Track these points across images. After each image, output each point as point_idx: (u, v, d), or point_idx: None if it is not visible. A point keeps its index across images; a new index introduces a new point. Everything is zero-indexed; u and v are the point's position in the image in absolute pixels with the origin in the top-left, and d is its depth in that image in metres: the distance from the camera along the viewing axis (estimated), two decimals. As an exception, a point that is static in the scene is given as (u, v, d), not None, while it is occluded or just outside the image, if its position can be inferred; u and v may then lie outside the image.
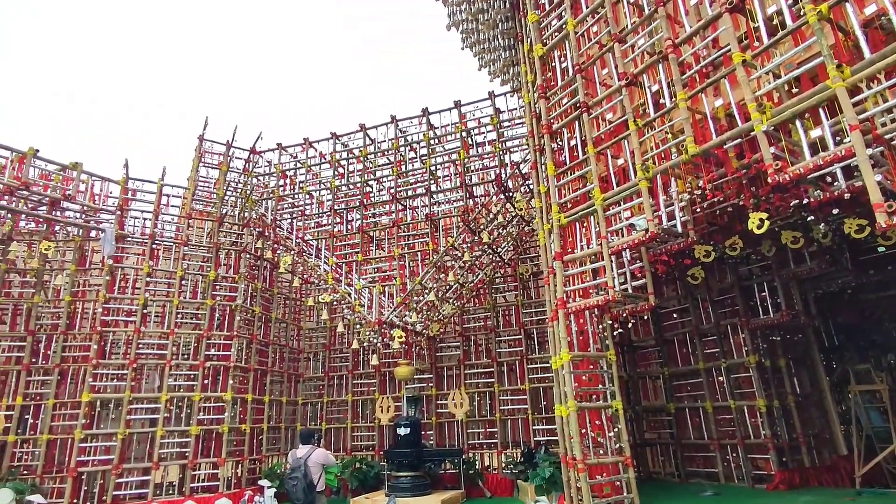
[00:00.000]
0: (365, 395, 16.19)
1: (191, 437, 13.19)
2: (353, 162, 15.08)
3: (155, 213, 14.43)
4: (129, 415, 12.91)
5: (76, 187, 13.62)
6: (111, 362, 13.40)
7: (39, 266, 14.02)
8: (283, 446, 16.20)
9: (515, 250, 14.57)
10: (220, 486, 13.26)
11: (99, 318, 13.49)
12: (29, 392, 13.38)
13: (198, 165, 15.20)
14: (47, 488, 12.40)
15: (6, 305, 13.85)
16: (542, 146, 9.50)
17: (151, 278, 14.02)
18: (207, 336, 14.08)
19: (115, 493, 12.32)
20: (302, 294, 18.58)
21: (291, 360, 17.37)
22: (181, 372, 13.79)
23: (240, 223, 15.54)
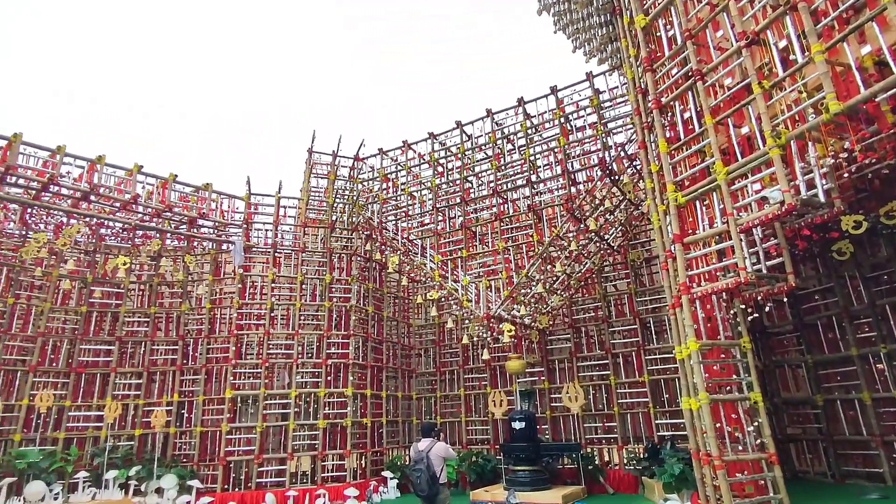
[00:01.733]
0: (476, 389, 16.31)
1: (319, 430, 14.13)
2: (451, 160, 15.25)
3: (275, 223, 15.64)
4: (265, 410, 14.12)
5: (209, 206, 15.13)
6: (247, 362, 14.73)
7: (184, 278, 15.78)
8: (401, 439, 16.83)
9: (625, 236, 13.86)
10: (347, 476, 14.06)
11: (234, 322, 14.90)
12: (182, 389, 15.13)
13: (309, 177, 16.24)
14: (203, 474, 13.92)
15: (160, 314, 15.77)
16: (651, 123, 8.91)
17: (276, 284, 15.21)
18: (327, 335, 14.99)
19: (258, 481, 13.53)
20: (410, 292, 19.15)
21: (404, 357, 17.98)
22: (306, 370, 14.82)
23: (349, 228, 16.37)
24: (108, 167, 13.53)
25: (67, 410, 14.08)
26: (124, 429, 14.47)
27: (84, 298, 15.15)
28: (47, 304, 14.52)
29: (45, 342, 14.33)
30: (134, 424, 14.58)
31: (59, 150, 12.78)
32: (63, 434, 13.84)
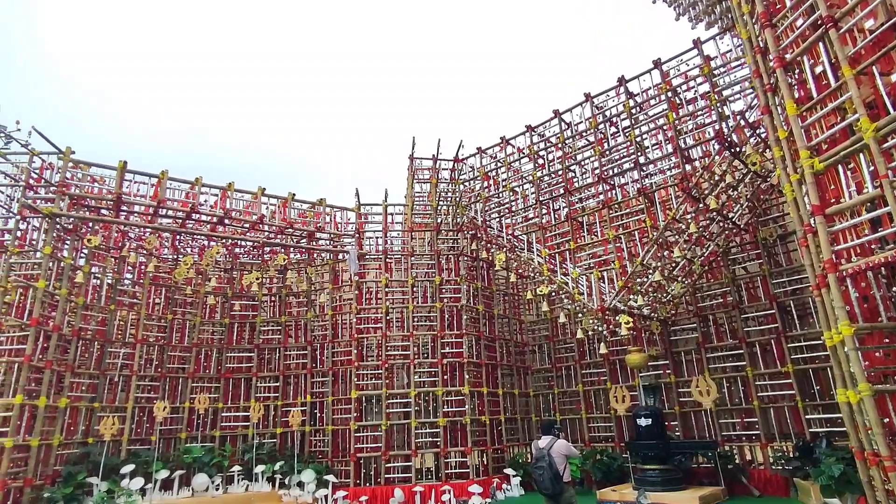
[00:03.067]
0: (596, 384, 15.74)
1: (439, 428, 14.48)
2: (551, 150, 14.88)
3: (384, 231, 16.34)
4: (388, 409, 14.77)
5: (324, 220, 16.19)
6: (368, 364, 15.52)
7: (308, 288, 17.04)
8: (521, 437, 16.71)
9: (752, 212, 12.57)
10: (470, 473, 14.25)
11: (354, 326, 15.77)
12: (313, 391, 16.32)
13: (412, 182, 16.76)
14: (337, 469, 14.89)
15: (290, 322, 17.16)
16: (775, 84, 7.96)
17: (389, 288, 15.87)
18: (441, 335, 15.33)
19: (387, 476, 14.18)
20: (518, 289, 18.99)
21: (517, 354, 17.86)
22: (423, 369, 15.27)
23: (454, 229, 16.62)
24: (237, 192, 15.00)
25: (220, 411, 15.84)
26: (267, 427, 15.93)
27: (226, 311, 16.95)
28: (198, 318, 16.45)
29: (199, 351, 16.24)
30: (275, 423, 16.01)
31: (196, 181, 14.41)
32: (218, 432, 15.58)
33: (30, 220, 13.17)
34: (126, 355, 14.78)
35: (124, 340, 14.96)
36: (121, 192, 13.59)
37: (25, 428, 11.67)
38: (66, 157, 13.14)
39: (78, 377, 13.52)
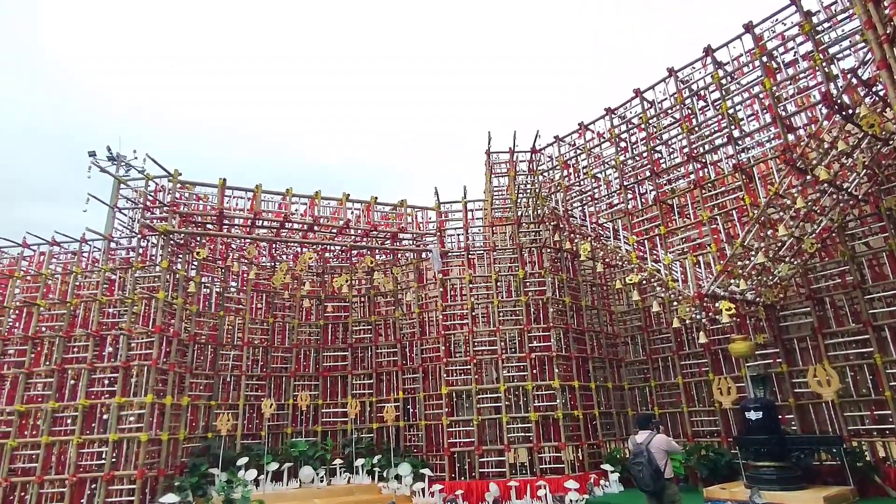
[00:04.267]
0: (696, 376, 14.82)
1: (531, 423, 14.32)
2: (633, 132, 14.17)
3: (465, 227, 16.43)
4: (479, 404, 14.84)
5: (406, 220, 16.57)
6: (456, 360, 15.69)
7: (394, 287, 17.53)
8: (617, 431, 16.13)
9: (872, 181, 11.20)
10: (566, 468, 13.97)
11: (440, 323, 16.01)
12: (405, 387, 16.77)
13: (490, 177, 16.70)
14: (432, 463, 15.20)
15: (379, 321, 17.76)
16: (892, 34, 7.03)
17: (473, 284, 15.93)
18: (528, 329, 15.15)
19: (481, 471, 14.27)
20: (606, 279, 18.32)
21: (609, 346, 17.25)
22: (512, 364, 15.18)
23: (535, 221, 16.35)
24: (324, 199, 15.75)
25: (321, 408, 16.74)
26: (364, 423, 16.61)
27: (321, 313, 17.88)
28: (296, 321, 17.49)
29: (299, 352, 17.26)
30: (371, 419, 16.65)
31: (287, 192, 15.31)
32: (320, 427, 16.48)
33: (149, 238, 14.64)
34: (235, 357, 16.04)
35: (233, 343, 16.24)
36: (222, 208, 14.74)
37: (156, 424, 13.02)
38: (174, 178, 14.47)
39: (196, 378, 14.86)
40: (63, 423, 12.92)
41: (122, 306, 13.75)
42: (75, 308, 13.95)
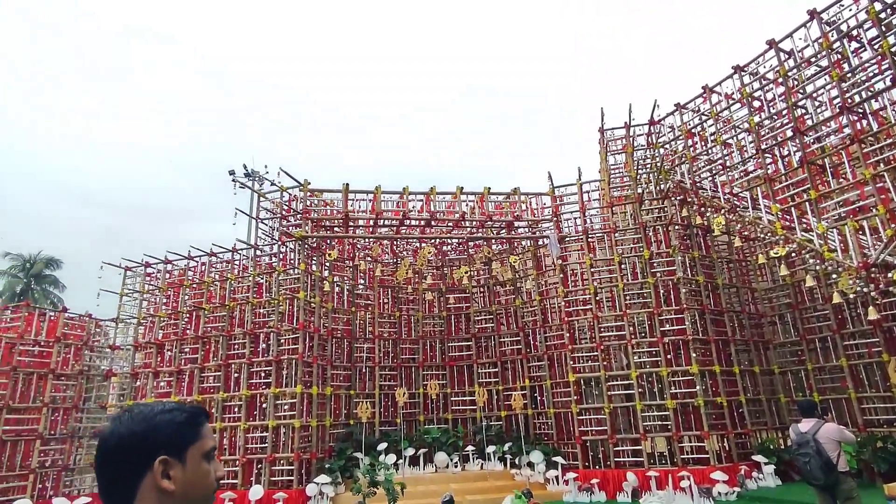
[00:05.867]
0: (865, 357, 13.00)
1: (668, 411, 13.55)
2: (769, 89, 12.65)
3: (581, 210, 15.91)
4: (609, 391, 14.35)
5: (520, 208, 16.45)
6: (582, 346, 15.30)
7: (512, 276, 17.52)
8: (768, 420, 14.70)
9: None
10: (711, 459, 13.03)
11: (562, 310, 15.70)
12: (531, 375, 16.71)
13: (605, 155, 15.97)
14: (564, 452, 15.02)
15: (500, 311, 17.86)
16: None
17: (594, 269, 15.40)
18: (657, 312, 14.32)
19: (616, 459, 13.81)
20: (745, 254, 16.71)
21: (753, 327, 15.74)
22: (643, 349, 14.46)
23: (658, 197, 15.35)
24: (439, 194, 16.14)
25: (449, 396, 17.28)
26: (492, 411, 16.85)
27: (443, 305, 18.41)
28: (420, 313, 18.21)
29: (425, 343, 17.96)
30: (498, 407, 16.85)
31: (404, 190, 15.93)
32: (450, 415, 17.03)
33: (287, 244, 16.09)
34: (368, 349, 17.12)
35: (365, 337, 17.33)
36: (347, 211, 15.74)
37: (306, 412, 14.33)
38: (304, 188, 15.73)
39: (336, 369, 16.10)
40: (231, 410, 14.72)
41: (270, 307, 15.28)
42: (232, 310, 15.78)
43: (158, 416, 1.23)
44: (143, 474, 1.18)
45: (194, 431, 1.27)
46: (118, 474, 1.19)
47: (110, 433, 1.21)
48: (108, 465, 1.20)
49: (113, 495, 1.18)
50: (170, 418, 1.24)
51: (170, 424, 1.24)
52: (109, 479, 1.19)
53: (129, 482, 1.18)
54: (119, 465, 1.19)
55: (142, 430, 1.21)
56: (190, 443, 1.25)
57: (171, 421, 1.24)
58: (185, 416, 1.27)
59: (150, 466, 1.18)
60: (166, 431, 1.22)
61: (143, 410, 1.25)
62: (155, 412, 1.25)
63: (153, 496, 1.17)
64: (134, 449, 1.19)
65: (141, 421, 1.22)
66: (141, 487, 1.17)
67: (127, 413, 1.25)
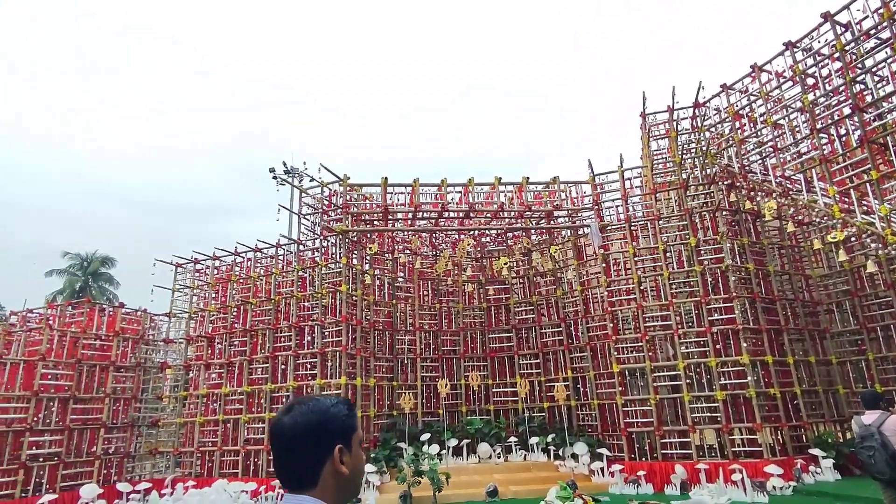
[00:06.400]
0: (937, 346, 12.29)
1: (718, 402, 13.17)
2: (825, 64, 11.98)
3: (623, 198, 15.56)
4: (655, 382, 14.05)
5: (560, 197, 16.22)
6: (626, 337, 15.02)
7: (553, 266, 17.33)
8: (825, 412, 14.08)
9: None
10: (764, 452, 12.61)
11: (605, 300, 15.43)
12: (573, 366, 16.53)
13: (648, 141, 15.55)
14: (608, 443, 14.82)
15: (541, 301, 17.71)
16: None
17: (638, 257, 15.06)
18: (705, 301, 13.90)
19: (663, 452, 13.54)
20: (798, 239, 16.00)
21: (808, 315, 15.08)
22: (690, 339, 14.08)
23: (705, 183, 14.85)
24: (477, 185, 16.09)
25: (491, 387, 17.30)
26: (534, 402, 16.77)
27: (483, 297, 18.40)
28: (460, 305, 18.26)
29: (465, 334, 18.01)
30: (540, 398, 16.75)
31: (443, 182, 15.95)
32: (492, 406, 17.05)
33: (329, 239, 16.39)
34: (409, 341, 17.30)
35: (406, 329, 17.51)
36: (386, 204, 15.90)
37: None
38: (344, 183, 15.97)
39: (378, 361, 16.34)
40: (279, 401, 15.17)
41: (314, 300, 15.62)
42: (278, 304, 16.21)
43: (332, 409, 1.39)
44: (325, 460, 1.34)
45: (353, 422, 1.43)
46: (304, 460, 1.34)
47: (293, 424, 1.35)
48: (295, 451, 1.34)
49: (300, 478, 1.33)
50: (338, 411, 1.40)
51: (340, 416, 1.39)
52: (296, 464, 1.34)
53: (315, 467, 1.33)
54: (305, 451, 1.34)
55: (322, 421, 1.36)
56: (353, 432, 1.41)
57: (340, 413, 1.40)
58: (347, 408, 1.43)
59: (330, 453, 1.34)
60: (339, 423, 1.38)
61: (318, 404, 1.40)
62: (328, 405, 1.40)
63: (332, 480, 1.33)
64: (317, 438, 1.34)
65: (319, 413, 1.37)
66: (323, 472, 1.33)
67: (300, 405, 1.40)
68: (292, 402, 1.43)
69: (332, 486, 1.34)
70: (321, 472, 1.33)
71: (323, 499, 1.31)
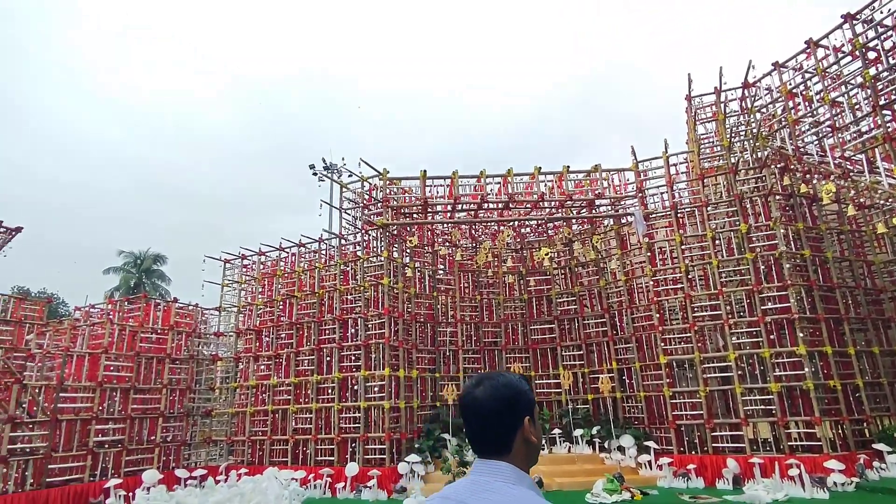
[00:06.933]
0: None
1: (772, 394, 12.67)
2: (888, 36, 11.23)
3: (668, 184, 15.09)
4: (704, 374, 13.64)
5: (601, 185, 15.88)
6: (673, 327, 14.62)
7: (595, 256, 17.01)
8: (891, 405, 13.33)
9: None
10: (823, 446, 12.06)
11: (651, 289, 15.05)
12: (618, 357, 16.23)
13: (694, 125, 15.00)
14: (656, 436, 14.49)
15: (583, 292, 17.44)
16: None
17: (684, 245, 14.60)
18: (757, 290, 13.36)
19: (714, 445, 13.14)
20: (859, 223, 15.15)
21: (870, 304, 14.29)
22: (741, 329, 13.59)
23: (756, 166, 14.23)
24: (516, 176, 15.93)
25: (533, 379, 17.18)
26: (578, 394, 16.57)
27: (523, 288, 18.26)
28: (500, 297, 18.19)
29: (507, 326, 17.94)
30: (584, 390, 16.53)
31: (481, 174, 15.87)
32: (535, 398, 16.92)
33: (369, 232, 16.60)
34: (451, 333, 17.36)
35: (447, 321, 17.58)
36: (425, 197, 15.95)
37: (395, 394, 14.82)
38: (384, 177, 16.10)
39: (420, 353, 16.48)
40: (325, 392, 15.52)
41: (356, 293, 15.88)
42: (322, 297, 16.55)
43: (517, 385, 1.54)
44: (516, 430, 1.49)
45: (534, 396, 1.59)
46: (500, 431, 1.49)
47: (487, 398, 1.50)
48: (491, 423, 1.49)
49: (496, 446, 1.48)
50: (523, 387, 1.55)
51: (526, 391, 1.54)
52: (492, 435, 1.49)
53: (508, 437, 1.48)
54: (501, 423, 1.49)
55: (513, 395, 1.51)
56: (534, 405, 1.57)
57: (525, 388, 1.55)
58: (527, 384, 1.58)
59: (521, 424, 1.49)
60: (526, 397, 1.53)
61: (507, 380, 1.54)
62: (516, 381, 1.55)
63: (523, 447, 1.49)
64: (510, 411, 1.49)
65: (511, 389, 1.52)
66: (515, 440, 1.48)
67: (489, 380, 1.54)
68: (480, 377, 1.58)
69: (523, 452, 1.49)
70: (513, 440, 1.48)
71: (515, 464, 1.46)
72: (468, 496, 1.38)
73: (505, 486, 1.39)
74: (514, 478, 1.42)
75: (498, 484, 1.40)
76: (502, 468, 1.44)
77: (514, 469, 1.45)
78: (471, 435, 1.52)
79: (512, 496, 1.36)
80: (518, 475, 1.44)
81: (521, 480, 1.43)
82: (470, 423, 1.52)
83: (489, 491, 1.38)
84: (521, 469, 1.46)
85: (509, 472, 1.44)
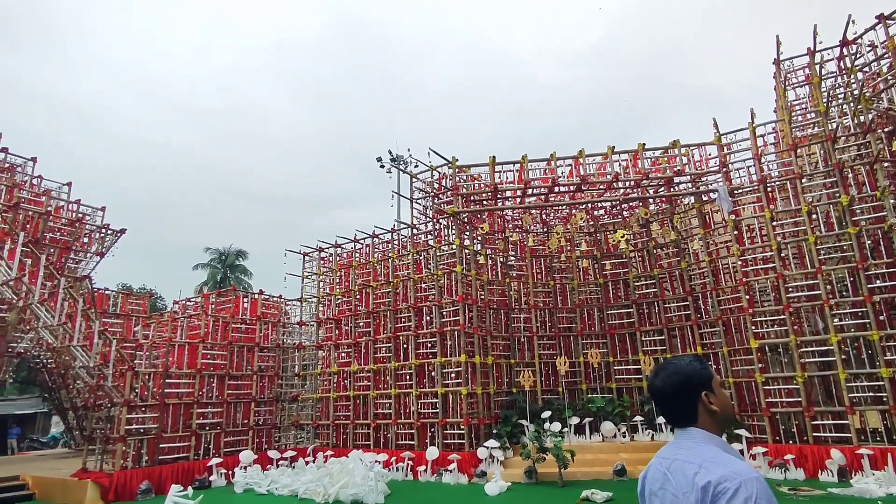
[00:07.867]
0: None
1: (883, 381, 11.61)
2: None
3: (756, 157, 14.09)
4: (801, 359, 12.72)
5: (681, 161, 15.09)
6: (765, 309, 13.72)
7: (675, 237, 16.24)
8: None
9: None
10: (947, 437, 10.93)
11: (739, 270, 14.18)
12: (703, 342, 15.46)
13: (783, 91, 13.87)
14: (748, 425, 13.72)
15: (663, 275, 16.73)
16: None
17: (776, 221, 13.61)
18: (863, 267, 12.24)
19: (815, 435, 12.26)
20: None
21: None
22: (844, 310, 12.53)
23: (858, 132, 12.96)
24: (588, 157, 15.46)
25: (612, 365, 16.76)
26: (661, 380, 15.95)
27: (599, 272, 17.78)
28: (575, 281, 17.82)
29: (582, 311, 17.56)
30: (667, 376, 15.87)
31: (551, 156, 15.54)
32: (614, 384, 16.52)
33: (441, 221, 16.74)
34: (524, 319, 17.23)
35: (520, 307, 17.46)
36: (494, 183, 15.84)
37: (471, 380, 14.96)
38: (453, 165, 16.15)
39: (495, 339, 16.50)
40: (403, 378, 15.92)
41: (430, 282, 16.10)
42: (396, 286, 16.93)
43: (686, 369, 1.88)
44: (696, 404, 1.85)
45: (709, 372, 1.89)
46: (682, 408, 1.86)
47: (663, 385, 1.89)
48: (671, 404, 1.89)
49: (684, 419, 1.86)
50: (693, 368, 1.87)
51: (697, 371, 1.86)
52: (677, 412, 1.87)
53: (691, 410, 1.85)
54: (679, 402, 1.87)
55: (684, 379, 1.86)
56: (710, 379, 1.87)
57: (696, 369, 1.87)
58: (699, 363, 1.90)
59: (699, 399, 1.83)
60: (698, 376, 1.86)
61: (676, 367, 1.89)
62: (684, 366, 1.89)
63: (707, 416, 1.83)
64: (685, 392, 1.86)
65: (679, 374, 1.87)
66: (699, 412, 1.83)
67: (663, 370, 1.92)
68: (658, 367, 1.96)
69: (709, 419, 1.83)
70: (697, 412, 1.84)
71: (705, 429, 1.82)
72: (675, 452, 1.81)
73: (695, 444, 1.79)
74: (703, 438, 1.80)
75: (690, 443, 1.81)
76: (692, 433, 1.83)
77: (702, 432, 1.82)
78: (661, 413, 1.95)
79: (699, 450, 1.76)
80: (707, 437, 1.81)
81: (709, 440, 1.80)
82: (658, 405, 1.95)
83: (683, 449, 1.80)
84: (712, 433, 1.82)
85: (699, 435, 1.82)
